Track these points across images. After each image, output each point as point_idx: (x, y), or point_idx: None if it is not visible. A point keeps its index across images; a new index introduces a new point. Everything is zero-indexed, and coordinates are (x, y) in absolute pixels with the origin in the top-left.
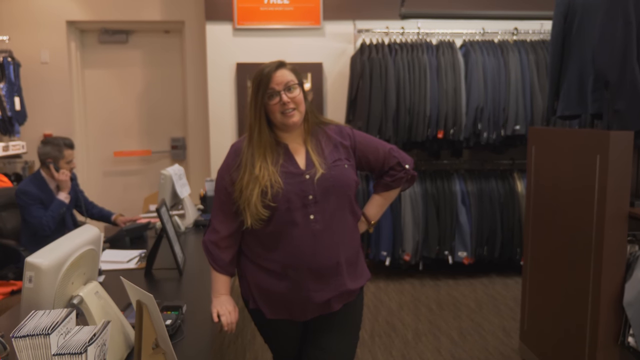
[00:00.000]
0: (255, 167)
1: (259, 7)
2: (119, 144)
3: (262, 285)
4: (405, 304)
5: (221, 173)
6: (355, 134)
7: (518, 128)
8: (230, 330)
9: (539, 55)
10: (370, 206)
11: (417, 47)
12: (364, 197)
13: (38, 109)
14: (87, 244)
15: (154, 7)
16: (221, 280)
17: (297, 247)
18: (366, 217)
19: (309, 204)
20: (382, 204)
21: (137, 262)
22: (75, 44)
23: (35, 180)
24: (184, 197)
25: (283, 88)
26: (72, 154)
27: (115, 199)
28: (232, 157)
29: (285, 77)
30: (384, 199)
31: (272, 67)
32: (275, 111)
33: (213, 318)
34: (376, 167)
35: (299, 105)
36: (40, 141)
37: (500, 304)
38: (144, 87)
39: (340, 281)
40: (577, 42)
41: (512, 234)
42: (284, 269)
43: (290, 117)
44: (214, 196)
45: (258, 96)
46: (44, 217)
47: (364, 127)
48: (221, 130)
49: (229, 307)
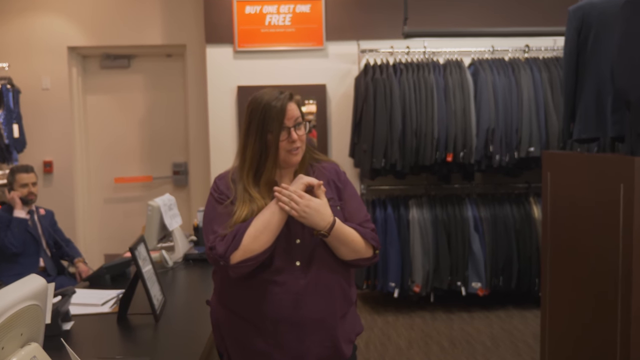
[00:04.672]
0: (252, 204)
1: (260, 29)
2: (120, 170)
3: (239, 338)
4: (415, 341)
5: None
6: (347, 180)
7: (532, 150)
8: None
9: (553, 73)
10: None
11: (424, 67)
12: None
13: (38, 136)
14: (27, 299)
15: (155, 31)
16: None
17: (279, 296)
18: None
19: (294, 247)
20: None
21: (112, 305)
22: (77, 69)
23: (5, 205)
24: (174, 229)
25: (293, 124)
26: (26, 177)
27: (116, 226)
28: (223, 191)
29: (295, 112)
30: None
31: (284, 99)
32: (281, 148)
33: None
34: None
35: (303, 144)
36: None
37: (519, 341)
38: (146, 112)
39: (330, 338)
40: (594, 59)
41: (530, 262)
42: (263, 321)
43: (295, 156)
44: (205, 220)
45: (263, 129)
46: (6, 237)
47: (369, 150)
48: (222, 155)
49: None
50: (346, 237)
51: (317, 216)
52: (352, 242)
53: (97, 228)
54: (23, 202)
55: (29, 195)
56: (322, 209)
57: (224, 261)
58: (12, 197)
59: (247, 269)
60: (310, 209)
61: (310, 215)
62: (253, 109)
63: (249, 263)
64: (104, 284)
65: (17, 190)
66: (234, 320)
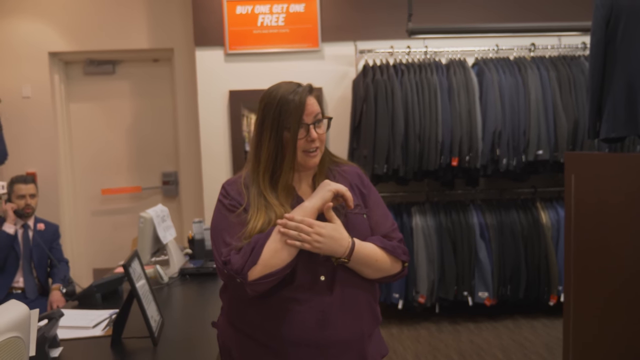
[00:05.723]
0: (269, 212)
1: (252, 30)
2: (107, 181)
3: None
4: (423, 355)
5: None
6: (371, 185)
7: (541, 153)
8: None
9: (561, 72)
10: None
11: (426, 67)
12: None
13: (20, 147)
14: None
15: (141, 34)
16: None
17: (302, 316)
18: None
19: (318, 260)
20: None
21: (105, 327)
22: (59, 76)
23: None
24: (168, 242)
25: (313, 121)
26: (24, 189)
27: (104, 240)
28: (234, 197)
29: (315, 107)
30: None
31: (303, 92)
32: (298, 148)
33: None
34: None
35: (322, 144)
36: None
37: (531, 353)
38: (132, 120)
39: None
40: (624, 51)
41: (539, 271)
42: (283, 345)
43: (313, 158)
44: (213, 230)
45: (279, 125)
46: None
47: (370, 156)
48: (214, 164)
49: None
50: (369, 258)
51: (332, 244)
52: (376, 263)
53: (85, 241)
54: (18, 215)
55: (26, 208)
56: (337, 233)
57: (240, 277)
58: (5, 210)
59: (266, 285)
60: (324, 237)
61: (325, 243)
62: (267, 103)
63: (269, 279)
64: (94, 303)
65: (13, 201)
66: (248, 344)
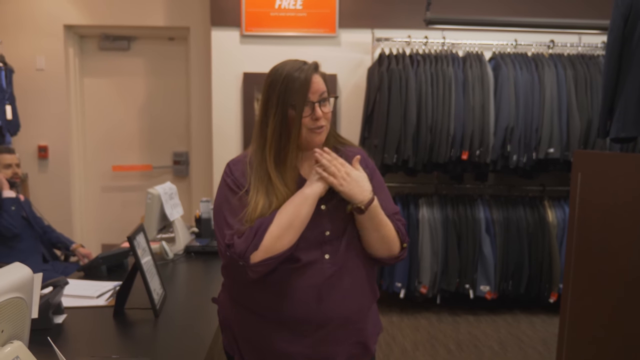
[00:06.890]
0: (269, 195)
1: (269, 12)
2: (119, 157)
3: (255, 338)
4: (421, 343)
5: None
6: (375, 169)
7: (552, 151)
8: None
9: (578, 71)
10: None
11: (442, 59)
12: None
13: (33, 119)
14: (8, 291)
15: (157, 12)
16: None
17: (304, 291)
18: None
19: (324, 240)
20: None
21: (108, 298)
22: (74, 50)
23: None
24: (175, 220)
25: (318, 99)
26: (9, 158)
27: (114, 216)
28: (237, 178)
29: (321, 85)
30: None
31: (308, 70)
32: (303, 125)
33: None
34: None
35: (328, 122)
36: None
37: (527, 347)
38: (146, 98)
39: (359, 334)
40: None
41: (541, 268)
42: (283, 320)
43: (318, 135)
44: (216, 210)
45: (284, 103)
46: (3, 219)
47: (381, 145)
48: (225, 145)
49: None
50: (381, 220)
51: (356, 187)
52: (385, 227)
53: (94, 217)
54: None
55: (14, 176)
56: (362, 180)
57: (243, 261)
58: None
59: (267, 268)
60: (351, 178)
61: (350, 184)
62: (273, 80)
63: (270, 262)
64: (99, 275)
65: (1, 171)
66: (249, 319)
